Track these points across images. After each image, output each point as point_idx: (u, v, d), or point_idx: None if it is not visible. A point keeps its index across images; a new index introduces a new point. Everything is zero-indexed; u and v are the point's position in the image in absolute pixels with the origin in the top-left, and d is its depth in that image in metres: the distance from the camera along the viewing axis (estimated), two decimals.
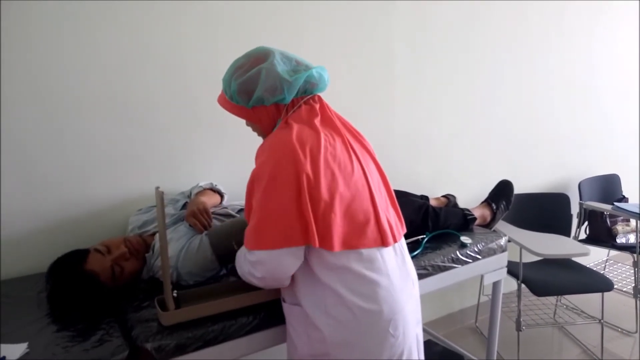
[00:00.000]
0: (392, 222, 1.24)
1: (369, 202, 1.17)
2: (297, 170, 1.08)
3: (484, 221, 2.07)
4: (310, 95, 1.23)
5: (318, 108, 1.22)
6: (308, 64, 1.22)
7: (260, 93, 1.16)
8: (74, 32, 1.58)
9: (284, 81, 1.16)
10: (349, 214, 1.13)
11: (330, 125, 1.21)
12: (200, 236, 1.46)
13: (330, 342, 1.14)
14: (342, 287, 1.13)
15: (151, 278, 1.50)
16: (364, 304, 1.13)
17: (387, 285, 1.16)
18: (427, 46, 2.41)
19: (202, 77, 1.82)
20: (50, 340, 1.16)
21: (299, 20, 2.02)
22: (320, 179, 1.10)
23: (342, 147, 1.18)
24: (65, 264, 1.38)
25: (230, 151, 1.92)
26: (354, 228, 1.14)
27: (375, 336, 1.15)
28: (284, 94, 1.17)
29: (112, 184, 1.73)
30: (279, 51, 1.21)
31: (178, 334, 1.19)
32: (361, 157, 1.22)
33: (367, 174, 1.20)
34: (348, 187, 1.14)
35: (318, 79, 1.21)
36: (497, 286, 1.97)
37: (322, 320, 1.14)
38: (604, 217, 2.88)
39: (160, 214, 1.17)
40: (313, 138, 1.14)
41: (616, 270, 3.51)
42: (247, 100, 1.19)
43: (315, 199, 1.09)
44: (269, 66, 1.16)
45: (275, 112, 1.21)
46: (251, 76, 1.17)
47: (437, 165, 2.59)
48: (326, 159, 1.12)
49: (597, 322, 2.67)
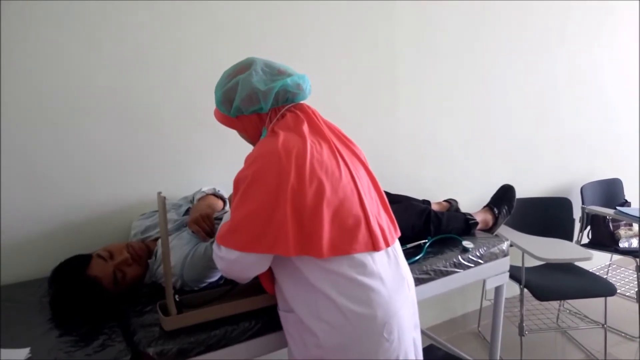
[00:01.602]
0: (384, 226, 1.24)
1: (359, 206, 1.18)
2: (279, 178, 1.10)
3: (486, 226, 2.07)
4: (292, 103, 1.26)
5: (304, 116, 1.24)
6: (291, 72, 1.26)
7: (238, 103, 1.22)
8: (76, 34, 1.59)
9: (258, 91, 1.20)
10: (338, 219, 1.14)
11: (317, 132, 1.23)
12: (205, 244, 1.46)
13: (325, 346, 1.14)
14: (334, 292, 1.13)
15: (153, 283, 1.50)
16: (356, 308, 1.13)
17: (380, 289, 1.16)
18: (430, 49, 2.41)
19: (205, 81, 1.82)
20: (52, 345, 1.16)
21: (302, 24, 2.02)
22: (305, 185, 1.11)
23: (329, 153, 1.19)
24: (67, 269, 1.38)
25: (233, 156, 1.91)
26: (343, 233, 1.14)
27: (369, 340, 1.15)
28: (260, 103, 1.21)
29: (115, 188, 1.73)
30: (262, 61, 1.26)
31: (180, 338, 1.19)
32: (349, 162, 1.23)
33: (355, 179, 1.21)
34: (336, 192, 1.14)
35: (295, 87, 1.24)
36: (500, 291, 1.96)
37: (316, 325, 1.15)
38: (607, 222, 2.87)
39: (162, 219, 1.17)
40: (299, 145, 1.15)
41: (619, 274, 3.50)
42: (229, 110, 1.25)
43: (300, 206, 1.10)
44: (246, 77, 1.21)
45: (258, 121, 1.25)
46: (231, 86, 1.23)
47: (439, 169, 2.59)
48: (312, 165, 1.13)
49: (600, 327, 2.66)
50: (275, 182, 1.10)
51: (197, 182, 1.84)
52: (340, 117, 1.35)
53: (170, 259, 1.21)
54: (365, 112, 2.27)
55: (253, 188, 1.11)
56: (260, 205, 1.10)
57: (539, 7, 2.78)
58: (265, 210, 1.09)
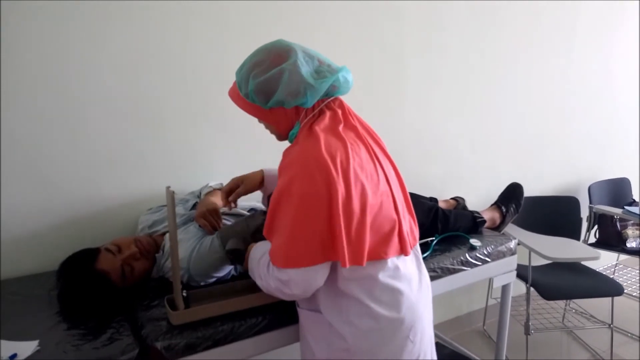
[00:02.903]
0: (409, 229, 1.23)
1: (393, 211, 1.16)
2: (330, 188, 1.04)
3: (494, 224, 2.06)
4: (331, 97, 1.17)
5: (341, 114, 1.17)
6: (330, 63, 1.15)
7: (282, 96, 1.09)
8: (83, 30, 1.59)
9: (307, 85, 1.09)
10: (376, 224, 1.12)
11: (353, 132, 1.17)
12: (211, 237, 1.45)
13: (353, 350, 1.13)
14: (367, 298, 1.12)
15: (161, 277, 1.50)
16: (387, 313, 1.13)
17: (408, 293, 1.16)
18: (437, 48, 2.40)
19: (212, 77, 1.82)
20: (61, 338, 1.16)
21: (309, 21, 2.02)
22: (352, 193, 1.06)
23: (367, 156, 1.15)
24: (75, 263, 1.39)
25: (241, 151, 1.92)
26: (380, 239, 1.12)
27: (396, 343, 1.15)
28: (306, 98, 1.10)
29: (122, 183, 1.73)
30: (301, 48, 1.13)
31: (187, 333, 1.19)
32: (383, 163, 1.19)
33: (390, 182, 1.18)
34: (375, 197, 1.11)
35: (343, 83, 1.15)
36: (506, 289, 1.95)
37: (346, 330, 1.13)
38: (614, 221, 2.85)
39: (170, 214, 1.17)
40: (341, 150, 1.09)
41: (626, 274, 3.48)
42: (265, 101, 1.12)
43: (349, 214, 1.06)
44: (292, 67, 1.08)
45: (294, 114, 1.15)
46: (272, 76, 1.09)
47: (447, 166, 2.58)
48: (355, 171, 1.08)
49: (606, 327, 2.65)
50: (326, 192, 1.04)
51: (204, 177, 1.84)
52: None
53: (178, 254, 1.21)
54: (373, 110, 2.25)
55: (306, 202, 1.05)
56: (316, 218, 1.05)
57: (548, 7, 2.76)
58: (323, 222, 1.05)
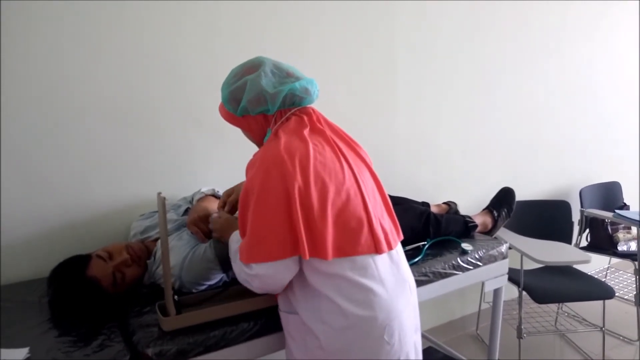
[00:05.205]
0: (387, 229, 1.24)
1: (362, 209, 1.17)
2: (286, 182, 1.09)
3: (485, 228, 2.07)
4: (299, 106, 1.26)
5: (307, 120, 1.24)
6: (299, 75, 1.26)
7: (245, 103, 1.22)
8: (75, 34, 1.59)
9: (266, 93, 1.20)
10: (341, 221, 1.14)
11: (319, 135, 1.23)
12: (204, 245, 1.45)
13: (327, 349, 1.14)
14: (337, 295, 1.13)
15: (152, 284, 1.50)
16: (358, 311, 1.13)
17: (381, 292, 1.16)
18: (428, 51, 2.42)
19: (204, 82, 1.83)
20: (51, 345, 1.16)
21: (300, 25, 2.03)
22: (311, 188, 1.11)
23: (332, 156, 1.19)
24: (67, 270, 1.38)
25: (233, 156, 1.93)
26: (346, 235, 1.14)
27: (370, 343, 1.15)
28: (267, 105, 1.22)
29: (114, 188, 1.73)
30: (271, 62, 1.26)
31: (179, 339, 1.19)
32: (354, 164, 1.23)
33: (359, 181, 1.20)
34: (339, 194, 1.14)
35: (303, 91, 1.23)
36: (498, 293, 1.96)
37: (319, 328, 1.15)
38: (605, 225, 2.87)
39: (162, 220, 1.17)
40: (302, 149, 1.15)
41: (617, 277, 3.50)
42: (235, 109, 1.25)
43: (307, 208, 1.10)
44: (255, 78, 1.21)
45: (263, 121, 1.26)
46: (239, 86, 1.23)
47: (438, 171, 2.59)
48: (316, 168, 1.13)
49: (598, 330, 2.67)
50: (283, 187, 1.09)
51: (196, 183, 1.84)
52: (338, 119, 1.35)
53: (169, 260, 1.21)
54: (363, 114, 2.27)
55: (263, 197, 1.10)
56: (274, 212, 1.09)
57: (537, 11, 2.79)
58: (281, 215, 1.09)
